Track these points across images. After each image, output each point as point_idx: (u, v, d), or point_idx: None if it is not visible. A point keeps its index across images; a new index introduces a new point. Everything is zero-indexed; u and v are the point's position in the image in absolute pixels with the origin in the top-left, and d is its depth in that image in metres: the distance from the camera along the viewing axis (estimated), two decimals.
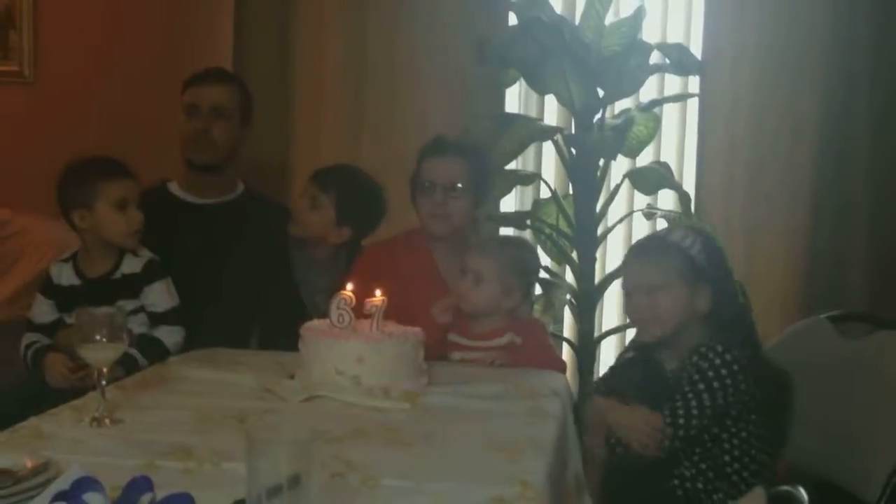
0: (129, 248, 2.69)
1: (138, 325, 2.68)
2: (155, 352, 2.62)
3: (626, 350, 2.51)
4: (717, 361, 2.16)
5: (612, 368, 2.50)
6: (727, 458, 2.21)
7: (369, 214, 3.00)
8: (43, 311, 2.76)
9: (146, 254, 2.73)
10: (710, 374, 2.16)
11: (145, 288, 2.69)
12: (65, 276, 2.73)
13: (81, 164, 2.69)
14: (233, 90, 3.14)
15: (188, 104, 3.09)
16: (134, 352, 2.56)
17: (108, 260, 2.70)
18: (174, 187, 3.16)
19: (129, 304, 2.65)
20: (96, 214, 2.65)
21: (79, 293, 2.67)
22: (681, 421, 2.15)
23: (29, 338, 2.75)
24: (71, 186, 2.67)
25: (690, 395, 2.16)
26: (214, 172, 3.12)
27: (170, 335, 2.69)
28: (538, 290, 2.97)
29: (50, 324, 2.75)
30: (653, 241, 2.40)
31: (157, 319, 2.70)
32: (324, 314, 2.38)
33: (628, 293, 2.36)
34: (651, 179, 3.47)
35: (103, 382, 1.94)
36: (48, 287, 2.75)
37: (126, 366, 2.45)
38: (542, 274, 3.15)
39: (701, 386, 2.16)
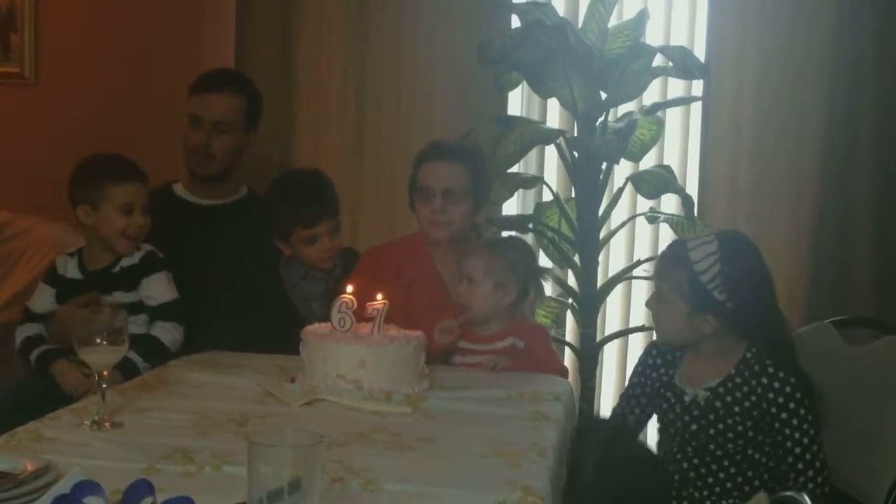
0: (120, 252, 2.70)
1: (138, 326, 2.67)
2: (154, 352, 2.62)
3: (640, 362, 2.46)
4: (771, 382, 2.13)
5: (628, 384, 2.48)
6: (749, 474, 2.18)
7: None
8: (43, 299, 2.77)
9: (146, 246, 2.74)
10: (762, 400, 2.12)
11: (143, 280, 2.70)
12: (69, 268, 2.76)
13: (96, 160, 2.72)
14: (238, 99, 3.11)
15: (191, 114, 3.09)
16: (133, 356, 2.54)
17: (109, 254, 2.72)
18: (179, 188, 3.17)
19: (126, 297, 2.67)
20: (100, 214, 2.67)
21: (79, 286, 2.71)
22: (710, 445, 2.13)
23: (27, 330, 2.75)
24: (82, 182, 2.70)
25: (737, 416, 2.13)
26: (217, 180, 3.12)
27: (167, 332, 2.69)
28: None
29: (46, 314, 2.75)
30: (673, 249, 2.29)
31: (155, 314, 2.70)
32: (323, 320, 2.37)
33: None
34: (654, 183, 3.46)
35: (103, 385, 1.94)
36: (52, 276, 2.78)
37: (125, 371, 2.44)
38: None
39: (753, 412, 2.13)
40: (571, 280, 3.62)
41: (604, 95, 3.39)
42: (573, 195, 3.58)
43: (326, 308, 2.32)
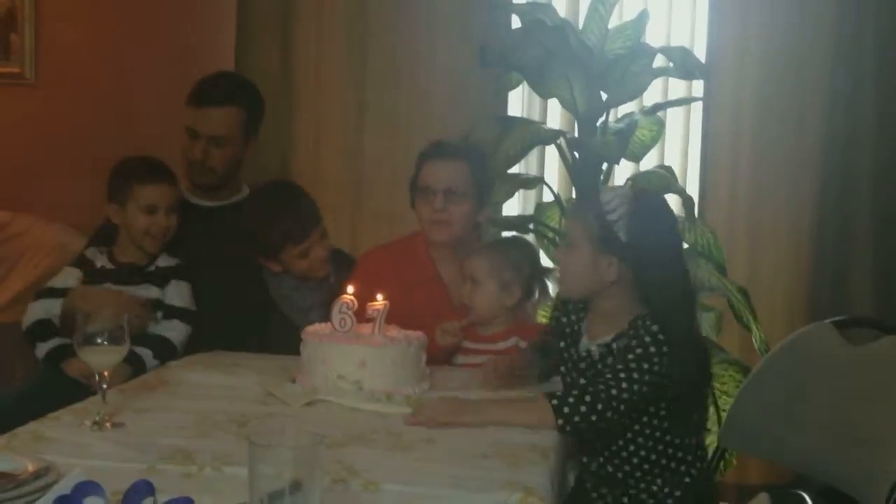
0: (147, 250, 2.80)
1: (153, 324, 2.76)
2: (164, 350, 2.69)
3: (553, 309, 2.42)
4: (650, 344, 2.06)
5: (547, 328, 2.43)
6: (636, 446, 2.14)
7: None
8: (67, 277, 2.81)
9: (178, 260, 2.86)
10: (645, 364, 2.05)
11: (173, 280, 2.80)
12: (99, 259, 2.83)
13: (128, 161, 2.83)
14: (236, 111, 3.05)
15: (189, 127, 3.04)
16: (143, 351, 2.61)
17: (141, 254, 2.82)
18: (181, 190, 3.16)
19: (152, 291, 2.77)
20: (126, 212, 2.78)
21: (109, 274, 2.79)
22: (600, 406, 2.03)
23: (39, 308, 2.76)
24: (113, 181, 2.81)
25: (623, 377, 2.05)
26: (215, 188, 3.13)
27: (179, 332, 2.77)
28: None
29: (67, 288, 2.78)
30: (586, 195, 2.29)
31: (171, 313, 2.78)
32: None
33: None
34: (655, 184, 3.45)
35: (104, 386, 1.94)
36: (81, 261, 2.84)
37: (133, 364, 2.49)
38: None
39: (635, 374, 2.06)
40: None
41: (604, 96, 3.39)
42: (574, 196, 3.58)
43: (322, 317, 2.31)
